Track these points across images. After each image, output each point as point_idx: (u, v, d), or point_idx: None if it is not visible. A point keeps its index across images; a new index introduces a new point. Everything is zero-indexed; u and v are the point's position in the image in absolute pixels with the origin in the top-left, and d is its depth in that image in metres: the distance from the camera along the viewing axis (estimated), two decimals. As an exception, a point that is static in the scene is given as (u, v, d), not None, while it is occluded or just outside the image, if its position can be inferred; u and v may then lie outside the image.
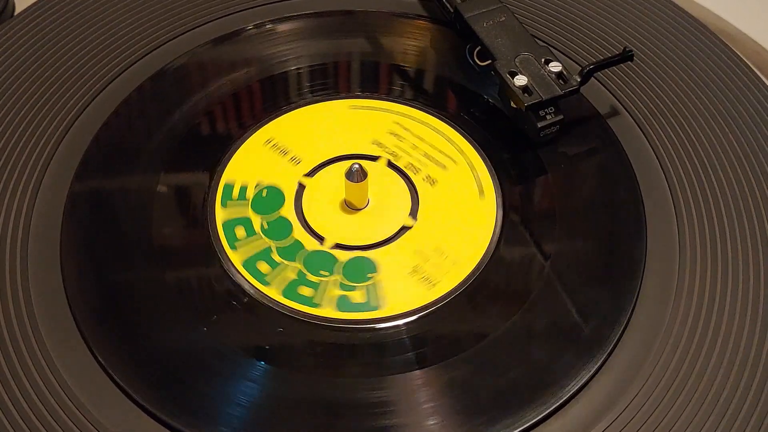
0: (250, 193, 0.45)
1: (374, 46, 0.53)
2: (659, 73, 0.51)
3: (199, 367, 0.38)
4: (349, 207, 0.45)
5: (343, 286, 0.41)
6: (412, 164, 0.46)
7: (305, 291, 0.41)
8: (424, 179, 0.46)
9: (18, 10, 0.54)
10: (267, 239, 0.43)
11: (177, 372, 0.38)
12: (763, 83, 0.50)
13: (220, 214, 0.44)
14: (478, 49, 0.49)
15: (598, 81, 0.50)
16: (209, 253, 0.42)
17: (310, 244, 0.43)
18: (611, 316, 0.40)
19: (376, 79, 0.51)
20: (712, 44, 0.52)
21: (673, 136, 0.48)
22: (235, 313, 0.40)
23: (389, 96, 0.50)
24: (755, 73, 0.51)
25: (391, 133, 0.48)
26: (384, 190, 0.45)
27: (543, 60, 0.47)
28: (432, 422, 0.37)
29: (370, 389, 0.38)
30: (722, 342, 0.39)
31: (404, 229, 0.44)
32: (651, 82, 0.50)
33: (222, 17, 0.54)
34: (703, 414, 0.37)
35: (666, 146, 0.47)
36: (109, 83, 0.49)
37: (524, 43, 0.48)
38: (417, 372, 0.38)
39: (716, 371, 0.38)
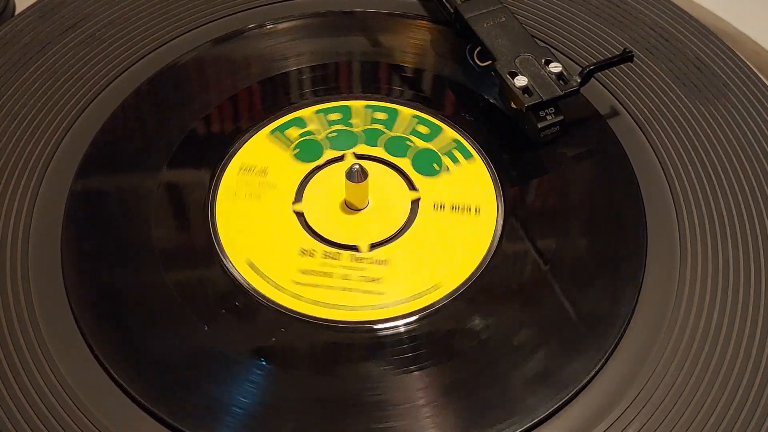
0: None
1: (374, 46, 0.53)
2: (659, 73, 0.51)
3: (199, 367, 0.38)
4: (351, 209, 0.45)
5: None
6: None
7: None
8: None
9: (18, 10, 0.55)
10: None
11: (177, 372, 0.38)
12: (763, 83, 0.50)
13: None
14: (478, 49, 0.49)
15: (598, 81, 0.50)
16: (210, 253, 0.42)
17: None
18: (612, 316, 0.40)
19: (376, 80, 0.51)
20: (712, 44, 0.52)
21: (673, 136, 0.48)
22: (235, 313, 0.40)
23: (397, 96, 0.50)
24: (755, 73, 0.51)
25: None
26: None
27: (543, 60, 0.47)
28: (431, 423, 0.37)
29: (370, 390, 0.38)
30: (723, 342, 0.39)
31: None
32: (651, 82, 0.50)
33: (222, 17, 0.54)
34: (705, 414, 0.37)
35: (666, 146, 0.47)
36: (109, 83, 0.49)
37: (524, 44, 0.48)
38: (417, 373, 0.38)
39: (718, 371, 0.38)
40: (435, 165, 0.46)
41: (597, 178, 0.47)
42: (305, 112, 0.49)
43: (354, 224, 0.44)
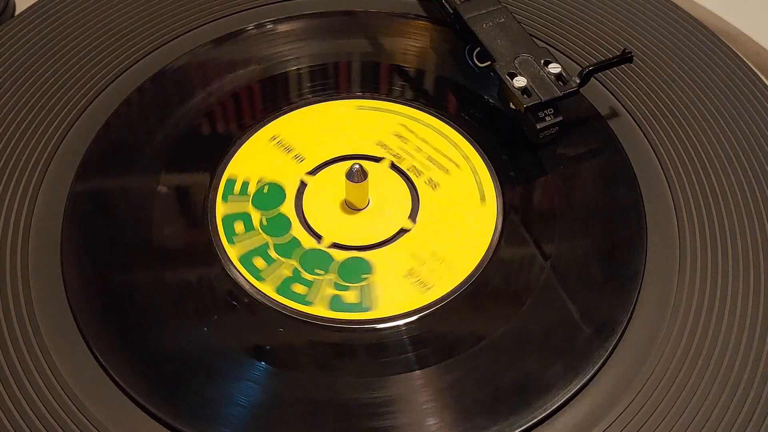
0: (252, 189, 0.45)
1: (374, 47, 0.53)
2: (659, 74, 0.51)
3: (199, 367, 0.38)
4: (349, 207, 0.45)
5: (337, 286, 0.41)
6: (415, 167, 0.46)
7: (299, 288, 0.41)
8: (426, 182, 0.46)
9: (18, 11, 0.55)
10: (265, 235, 0.43)
11: (177, 372, 0.38)
12: (763, 83, 0.50)
13: (221, 209, 0.44)
14: (477, 50, 0.49)
15: (599, 81, 0.50)
16: (209, 253, 0.42)
17: (308, 242, 0.43)
18: (611, 317, 0.40)
19: (376, 80, 0.51)
20: (712, 44, 0.52)
21: (673, 136, 0.48)
22: (235, 313, 0.40)
23: (394, 97, 0.50)
24: (755, 73, 0.51)
25: (396, 135, 0.48)
26: (385, 191, 0.45)
27: (542, 61, 0.47)
28: (430, 423, 0.37)
29: (369, 390, 0.38)
30: (721, 345, 0.39)
31: (402, 231, 0.44)
32: (651, 83, 0.50)
33: (222, 17, 0.54)
34: (701, 418, 0.37)
35: (666, 146, 0.47)
36: (110, 83, 0.49)
37: (524, 45, 0.48)
38: (416, 373, 0.38)
39: (717, 371, 0.38)
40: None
41: (597, 178, 0.47)
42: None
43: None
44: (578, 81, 0.46)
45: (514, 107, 0.46)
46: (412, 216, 0.45)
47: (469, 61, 0.51)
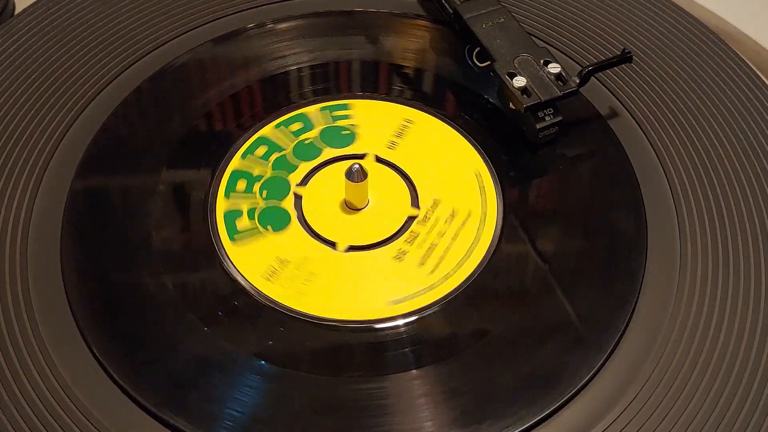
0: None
1: (374, 46, 0.53)
2: (660, 74, 0.51)
3: (199, 367, 0.38)
4: (350, 207, 0.45)
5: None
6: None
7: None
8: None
9: (18, 10, 0.55)
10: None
11: (177, 372, 0.38)
12: (763, 83, 0.50)
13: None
14: (477, 50, 0.49)
15: (599, 81, 0.50)
16: (210, 253, 0.42)
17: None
18: (611, 317, 0.40)
19: (376, 79, 0.51)
20: (712, 44, 0.52)
21: (674, 136, 0.48)
22: (235, 313, 0.40)
23: (393, 96, 0.50)
24: (755, 73, 0.51)
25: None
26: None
27: (542, 61, 0.47)
28: (430, 423, 0.37)
29: (369, 390, 0.38)
30: (723, 342, 0.39)
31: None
32: (651, 83, 0.50)
33: (222, 17, 0.54)
34: (702, 417, 0.37)
35: (667, 146, 0.47)
36: (109, 83, 0.49)
37: (523, 45, 0.48)
38: (416, 372, 0.38)
39: (717, 371, 0.38)
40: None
41: (597, 178, 0.47)
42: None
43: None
44: (578, 81, 0.46)
45: (513, 107, 0.46)
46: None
47: (469, 61, 0.51)
